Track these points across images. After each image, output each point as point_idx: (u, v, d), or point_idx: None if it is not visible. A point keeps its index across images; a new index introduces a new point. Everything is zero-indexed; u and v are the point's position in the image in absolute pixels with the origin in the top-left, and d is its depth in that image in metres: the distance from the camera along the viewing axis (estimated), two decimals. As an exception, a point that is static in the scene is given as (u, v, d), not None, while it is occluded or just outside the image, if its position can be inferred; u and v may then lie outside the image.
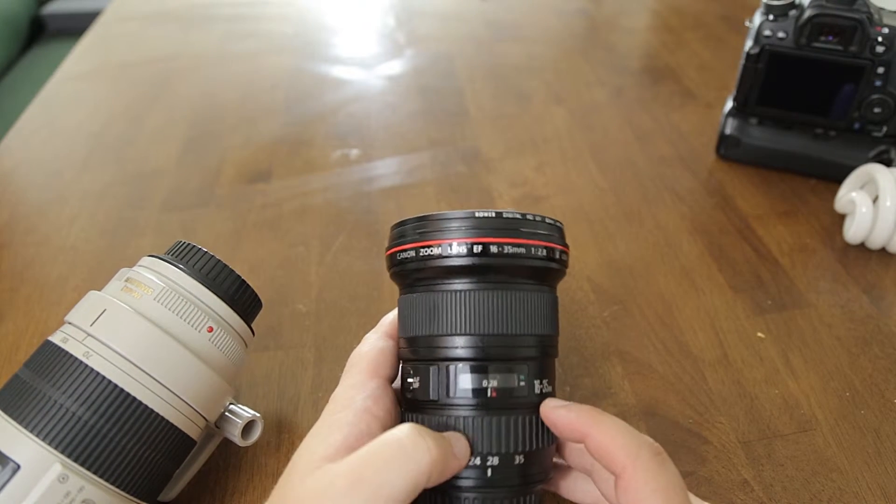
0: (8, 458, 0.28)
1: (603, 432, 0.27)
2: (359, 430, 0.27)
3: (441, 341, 0.28)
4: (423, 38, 0.85)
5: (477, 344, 0.28)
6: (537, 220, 0.29)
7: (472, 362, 0.28)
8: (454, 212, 0.29)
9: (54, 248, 0.54)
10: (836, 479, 0.36)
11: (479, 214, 0.28)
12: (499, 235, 0.28)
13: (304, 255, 0.52)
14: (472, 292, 0.28)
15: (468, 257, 0.28)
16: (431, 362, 0.29)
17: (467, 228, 0.28)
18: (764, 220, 0.53)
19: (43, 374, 0.30)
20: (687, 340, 0.44)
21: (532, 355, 0.29)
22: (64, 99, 0.78)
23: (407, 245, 0.29)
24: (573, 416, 0.27)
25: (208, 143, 0.66)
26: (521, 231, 0.28)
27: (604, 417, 0.27)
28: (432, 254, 0.28)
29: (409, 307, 0.30)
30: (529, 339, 0.29)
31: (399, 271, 0.30)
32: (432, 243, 0.28)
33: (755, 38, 0.52)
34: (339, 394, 0.29)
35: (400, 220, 0.30)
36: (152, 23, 0.95)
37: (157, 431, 0.31)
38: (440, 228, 0.28)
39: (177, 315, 0.32)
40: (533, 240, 0.29)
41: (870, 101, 0.51)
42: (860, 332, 0.44)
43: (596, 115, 0.68)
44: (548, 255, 0.29)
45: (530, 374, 0.29)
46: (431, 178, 0.60)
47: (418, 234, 0.29)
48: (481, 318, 0.28)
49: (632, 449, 0.26)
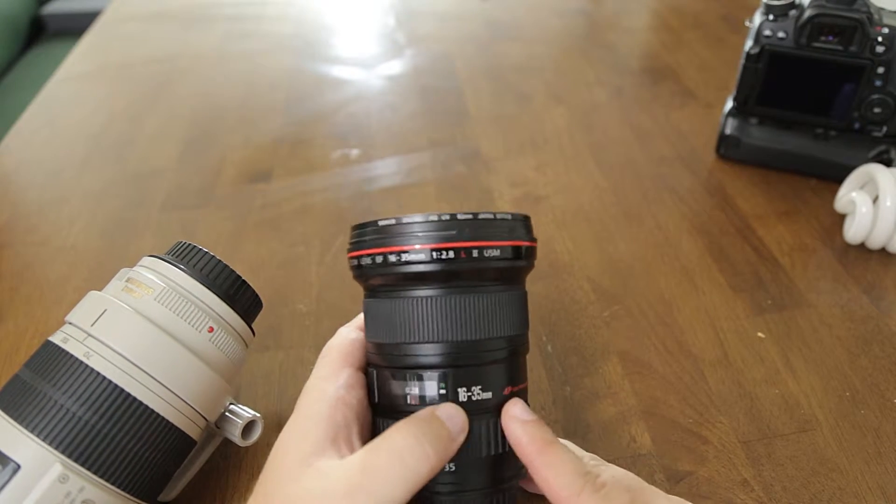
0: (8, 459, 0.28)
1: (546, 466, 0.26)
2: (336, 421, 0.27)
3: (406, 349, 0.28)
4: (423, 38, 0.85)
5: (442, 351, 0.28)
6: (499, 219, 0.28)
7: (437, 370, 0.28)
8: (412, 216, 0.28)
9: (54, 248, 0.54)
10: (836, 479, 0.36)
11: (435, 218, 0.27)
12: (460, 239, 0.27)
13: (304, 255, 0.52)
14: (436, 298, 0.28)
15: (430, 263, 0.27)
16: (397, 370, 0.28)
17: (427, 233, 0.27)
18: (764, 220, 0.53)
19: (43, 374, 0.30)
20: (687, 340, 0.44)
21: (500, 357, 0.29)
22: (64, 99, 0.78)
23: (367, 251, 0.29)
24: (524, 438, 0.27)
25: (208, 143, 0.66)
26: (482, 232, 0.28)
27: (551, 449, 0.27)
28: (393, 260, 0.28)
29: (373, 313, 0.30)
30: (497, 341, 0.28)
31: (360, 275, 0.30)
32: (392, 249, 0.28)
33: (755, 38, 0.52)
34: (310, 386, 0.29)
35: (360, 223, 0.29)
36: (152, 23, 0.95)
37: (157, 431, 0.31)
38: (400, 233, 0.28)
39: (177, 315, 0.32)
40: (496, 240, 0.28)
41: (870, 101, 0.51)
42: (860, 332, 0.44)
43: (596, 114, 0.68)
44: (513, 254, 0.28)
45: (498, 377, 0.28)
46: (431, 178, 0.60)
47: (378, 239, 0.28)
48: (445, 325, 0.28)
49: (574, 486, 0.26)
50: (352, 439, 0.28)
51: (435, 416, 0.27)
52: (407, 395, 0.28)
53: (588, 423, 0.39)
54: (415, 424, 0.26)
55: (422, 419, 0.27)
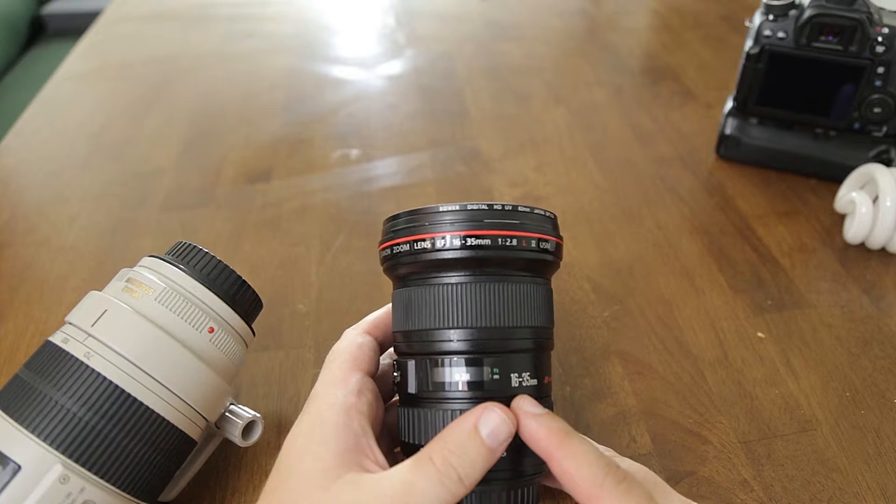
0: (9, 459, 0.28)
1: (567, 458, 0.26)
2: (353, 430, 0.27)
3: (436, 335, 0.28)
4: (423, 38, 0.85)
5: (472, 337, 0.28)
6: (529, 212, 0.29)
7: (466, 355, 0.28)
8: (447, 205, 0.28)
9: (54, 248, 0.54)
10: (836, 479, 0.36)
11: (472, 207, 0.28)
12: (493, 228, 0.28)
13: (304, 255, 0.52)
14: (467, 285, 0.28)
15: (462, 250, 0.28)
16: (427, 356, 0.29)
17: (461, 221, 0.28)
18: (764, 220, 0.53)
19: (43, 374, 0.30)
20: (687, 340, 0.44)
21: (527, 347, 0.29)
22: (64, 99, 0.78)
23: (400, 239, 0.29)
24: (542, 432, 0.27)
25: (208, 143, 0.66)
26: (514, 223, 0.28)
27: (570, 441, 0.26)
28: (426, 247, 0.28)
29: (404, 301, 0.30)
30: (524, 330, 0.29)
31: (393, 265, 0.30)
32: (426, 236, 0.28)
33: (755, 38, 0.52)
34: (320, 391, 0.29)
35: (393, 214, 0.30)
36: (152, 23, 0.95)
37: (157, 432, 0.31)
38: (434, 221, 0.28)
39: (177, 315, 0.32)
40: (526, 231, 0.28)
41: (870, 101, 0.51)
42: (860, 332, 0.44)
43: (596, 114, 0.68)
44: (540, 246, 0.29)
45: (524, 367, 0.29)
46: (431, 178, 0.60)
47: (411, 228, 0.29)
48: (476, 311, 0.28)
49: (596, 478, 0.25)
50: (373, 448, 0.28)
51: (476, 433, 0.26)
52: (458, 381, 0.28)
53: (588, 423, 0.39)
54: (455, 444, 0.26)
55: (462, 439, 0.26)
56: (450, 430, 0.27)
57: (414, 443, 0.29)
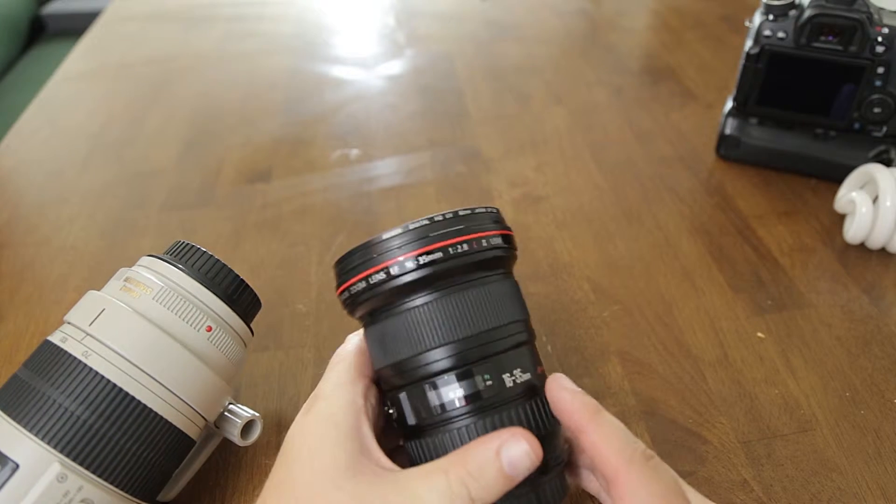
0: (7, 458, 0.28)
1: (599, 431, 0.26)
2: (362, 433, 0.28)
3: (420, 360, 0.28)
4: (423, 38, 0.85)
5: (455, 351, 0.28)
6: (470, 213, 0.29)
7: (455, 371, 0.28)
8: (389, 231, 0.28)
9: (54, 248, 0.54)
10: (836, 479, 0.36)
11: (413, 225, 0.28)
12: (440, 240, 0.28)
13: (304, 255, 0.52)
14: (434, 302, 0.28)
15: (417, 270, 0.28)
16: (416, 383, 0.28)
17: (408, 242, 0.28)
18: (764, 220, 0.53)
19: (42, 373, 0.30)
20: (687, 340, 0.44)
21: (510, 344, 0.29)
22: (64, 99, 0.78)
23: (354, 278, 0.29)
24: (576, 405, 0.27)
25: (208, 143, 0.66)
26: (459, 228, 0.28)
27: (603, 417, 0.27)
28: (382, 278, 0.28)
29: (378, 337, 0.29)
30: (502, 329, 0.29)
31: (354, 305, 0.30)
32: (378, 267, 0.28)
33: (755, 38, 0.52)
34: (327, 392, 0.29)
35: (339, 257, 0.30)
36: (152, 23, 0.95)
37: (156, 431, 0.31)
38: (382, 251, 0.28)
39: (176, 315, 0.32)
40: (472, 233, 0.29)
41: (870, 101, 0.51)
42: (860, 332, 0.44)
43: (596, 115, 0.68)
44: (490, 243, 0.29)
45: (513, 364, 0.28)
46: (431, 178, 0.60)
47: (362, 264, 0.29)
48: (451, 325, 0.28)
49: (625, 453, 0.26)
50: (380, 453, 0.28)
51: (497, 458, 0.26)
52: (454, 399, 0.28)
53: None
54: (475, 465, 0.26)
55: (482, 462, 0.26)
56: (472, 449, 0.26)
57: None
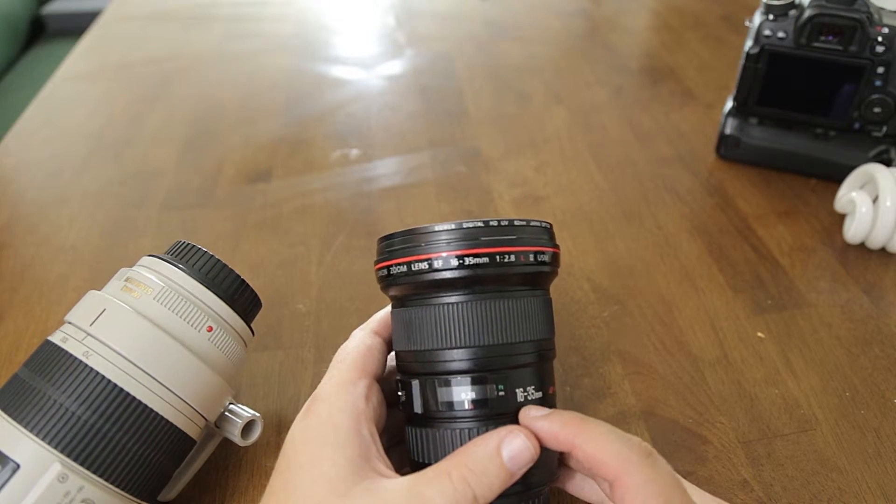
0: (7, 458, 0.28)
1: (589, 441, 0.26)
2: (364, 437, 0.28)
3: (439, 355, 0.28)
4: (423, 38, 0.85)
5: (475, 355, 0.28)
6: (525, 225, 0.29)
7: (471, 374, 0.28)
8: (442, 224, 0.28)
9: (54, 248, 0.54)
10: (836, 479, 0.36)
11: (468, 225, 0.28)
12: (490, 245, 0.28)
13: (304, 255, 0.52)
14: (467, 304, 0.28)
15: (460, 269, 0.28)
16: (431, 376, 0.29)
17: (457, 240, 0.28)
18: (764, 220, 0.53)
19: (42, 373, 0.30)
20: (687, 340, 0.44)
21: (530, 361, 0.29)
22: (64, 99, 0.78)
23: (397, 259, 0.29)
24: (556, 426, 0.27)
25: (208, 143, 0.66)
26: (510, 238, 0.28)
27: (588, 425, 0.27)
28: (423, 268, 0.28)
29: (405, 321, 0.30)
30: (526, 345, 0.29)
31: (390, 285, 0.30)
32: (423, 257, 0.28)
33: (755, 38, 0.52)
34: (327, 392, 0.29)
35: (388, 234, 0.30)
36: (152, 23, 0.95)
37: (156, 431, 0.31)
38: (430, 241, 0.28)
39: (176, 315, 0.32)
40: (523, 246, 0.28)
41: (870, 101, 0.51)
42: (860, 332, 0.44)
43: (596, 114, 0.68)
44: (537, 259, 0.29)
45: (529, 381, 0.29)
46: (431, 178, 0.60)
47: (408, 248, 0.29)
48: (478, 330, 0.28)
49: (622, 454, 0.25)
50: (381, 454, 0.28)
51: (498, 454, 0.26)
52: (463, 400, 0.28)
53: (588, 423, 0.39)
54: (476, 463, 0.26)
55: (484, 460, 0.26)
56: (472, 448, 0.26)
57: (426, 462, 0.29)
